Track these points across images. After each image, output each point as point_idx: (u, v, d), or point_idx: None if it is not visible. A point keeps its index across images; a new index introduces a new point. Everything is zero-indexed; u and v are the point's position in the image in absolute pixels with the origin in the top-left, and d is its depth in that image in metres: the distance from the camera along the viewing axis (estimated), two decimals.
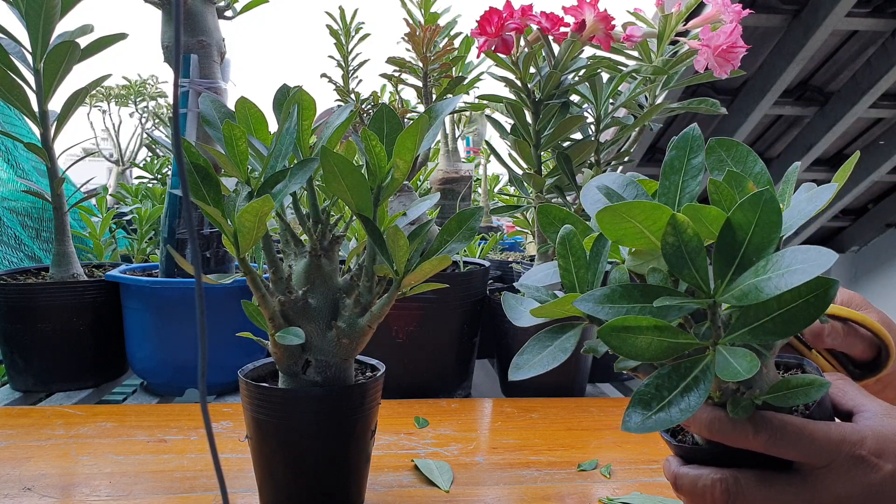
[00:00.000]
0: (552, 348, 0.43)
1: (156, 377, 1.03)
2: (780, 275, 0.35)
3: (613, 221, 0.37)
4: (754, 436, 0.41)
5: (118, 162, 2.80)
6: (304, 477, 0.59)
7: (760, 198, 0.36)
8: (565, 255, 0.44)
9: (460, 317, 1.01)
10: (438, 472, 0.71)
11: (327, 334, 0.59)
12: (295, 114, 0.56)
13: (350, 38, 1.13)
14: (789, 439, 0.41)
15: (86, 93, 1.01)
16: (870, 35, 2.71)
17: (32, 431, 0.81)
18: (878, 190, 3.67)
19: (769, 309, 0.37)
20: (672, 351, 0.38)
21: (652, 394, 0.38)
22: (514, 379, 0.43)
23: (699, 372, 0.38)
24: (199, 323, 0.34)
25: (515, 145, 0.96)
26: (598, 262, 0.43)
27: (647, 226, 0.38)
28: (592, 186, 0.44)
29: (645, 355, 0.38)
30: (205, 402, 0.35)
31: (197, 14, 1.02)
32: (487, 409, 0.96)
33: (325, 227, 0.60)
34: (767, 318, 0.37)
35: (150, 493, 0.66)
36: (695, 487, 0.43)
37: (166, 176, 2.12)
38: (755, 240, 0.37)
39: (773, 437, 0.41)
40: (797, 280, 0.34)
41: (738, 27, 0.83)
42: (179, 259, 0.57)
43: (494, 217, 2.02)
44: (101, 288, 1.04)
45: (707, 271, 0.38)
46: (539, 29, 0.87)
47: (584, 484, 0.70)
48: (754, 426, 0.41)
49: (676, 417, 0.37)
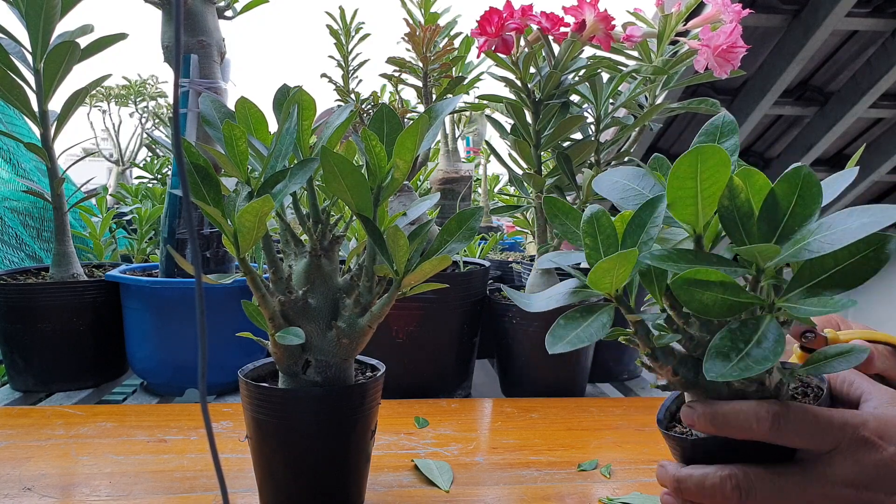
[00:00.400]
0: (588, 325, 0.43)
1: (156, 377, 1.03)
2: (833, 233, 0.36)
3: (690, 168, 0.38)
4: (758, 425, 0.41)
5: (118, 162, 2.80)
6: (304, 477, 0.59)
7: (800, 172, 0.37)
8: (593, 234, 0.44)
9: (460, 317, 1.01)
10: (438, 472, 0.71)
11: (327, 334, 0.59)
12: (295, 114, 0.56)
13: (350, 38, 1.13)
14: (793, 426, 0.41)
15: (86, 93, 1.01)
16: (870, 35, 2.71)
17: (32, 431, 0.81)
18: (878, 190, 3.67)
19: (825, 266, 0.38)
20: (735, 309, 0.40)
21: (728, 346, 0.39)
22: (554, 352, 0.43)
23: (766, 327, 0.39)
24: (199, 323, 0.34)
25: (515, 145, 0.96)
26: (646, 229, 0.41)
27: (705, 187, 0.38)
28: (605, 178, 0.45)
29: (711, 311, 0.39)
30: (205, 402, 0.35)
31: (197, 14, 1.02)
32: (487, 409, 0.96)
33: (325, 227, 0.60)
34: (824, 276, 0.39)
35: (150, 493, 0.66)
36: (702, 487, 0.43)
37: (166, 176, 2.12)
38: (797, 210, 0.38)
39: (777, 425, 0.41)
40: (851, 237, 0.35)
41: (738, 27, 0.83)
42: (179, 259, 0.57)
43: (494, 217, 2.02)
44: (101, 288, 1.04)
45: (757, 236, 0.39)
46: (539, 29, 0.87)
47: (584, 484, 0.70)
48: (757, 416, 0.41)
49: (757, 366, 0.38)
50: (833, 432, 0.41)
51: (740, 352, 0.38)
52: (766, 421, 0.41)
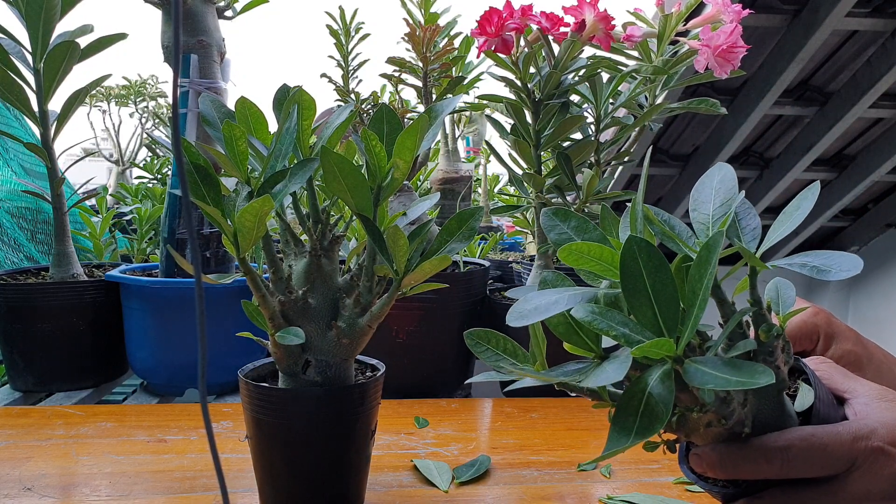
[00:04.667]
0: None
1: (156, 377, 1.03)
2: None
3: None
4: (768, 465, 0.40)
5: (118, 162, 2.80)
6: (303, 477, 0.59)
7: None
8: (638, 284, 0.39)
9: (460, 317, 1.01)
10: (437, 472, 0.71)
11: (327, 334, 0.59)
12: (295, 114, 0.56)
13: (350, 38, 1.13)
14: (803, 458, 0.39)
15: (86, 93, 1.01)
16: (870, 35, 2.71)
17: (32, 431, 0.81)
18: (878, 190, 3.66)
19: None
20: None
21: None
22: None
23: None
24: (199, 323, 0.34)
25: (515, 145, 0.96)
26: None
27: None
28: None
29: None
30: (205, 402, 0.35)
31: (197, 14, 1.02)
32: (487, 409, 0.96)
33: (325, 227, 0.60)
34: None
35: (150, 493, 0.66)
36: None
37: (166, 176, 2.12)
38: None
39: (786, 462, 0.39)
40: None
41: (738, 27, 0.83)
42: (179, 259, 0.57)
43: (494, 217, 2.02)
44: (101, 288, 1.03)
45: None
46: (539, 29, 0.87)
47: (584, 484, 0.70)
48: (765, 455, 0.40)
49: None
50: (845, 451, 0.40)
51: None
52: (776, 461, 0.39)
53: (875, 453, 0.40)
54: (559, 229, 0.46)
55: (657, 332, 0.38)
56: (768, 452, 0.40)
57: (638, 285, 0.37)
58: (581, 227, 0.45)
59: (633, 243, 0.37)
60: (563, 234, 0.46)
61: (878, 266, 3.94)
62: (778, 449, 0.40)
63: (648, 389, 0.37)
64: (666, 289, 0.37)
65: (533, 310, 0.39)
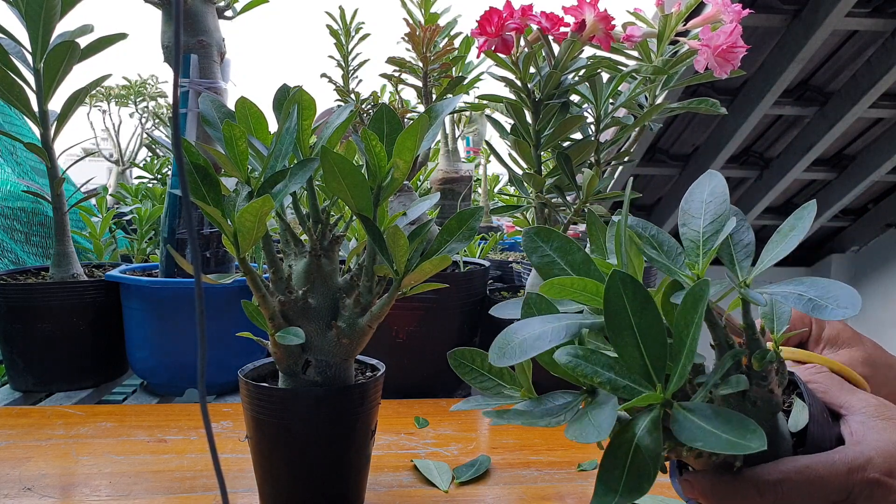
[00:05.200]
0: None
1: (156, 377, 1.03)
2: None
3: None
4: (761, 499, 0.38)
5: (118, 162, 2.80)
6: (303, 477, 0.59)
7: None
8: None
9: (460, 317, 1.01)
10: (437, 472, 0.71)
11: (327, 334, 0.59)
12: (295, 114, 0.56)
13: (350, 38, 1.13)
14: (797, 492, 0.38)
15: (86, 93, 1.01)
16: (870, 35, 2.71)
17: (32, 431, 0.81)
18: (878, 190, 3.67)
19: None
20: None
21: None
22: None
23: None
24: (199, 323, 0.34)
25: (515, 145, 0.96)
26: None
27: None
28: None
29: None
30: (205, 402, 0.35)
31: (197, 14, 1.02)
32: None
33: (325, 227, 0.60)
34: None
35: (150, 493, 0.66)
36: None
37: (166, 176, 2.12)
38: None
39: (779, 496, 0.38)
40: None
41: (738, 27, 0.83)
42: (179, 259, 0.57)
43: (494, 217, 2.02)
44: (101, 288, 1.03)
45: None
46: (539, 29, 0.87)
47: (584, 484, 0.70)
48: (758, 489, 0.38)
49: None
50: (841, 482, 0.38)
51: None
52: (769, 495, 0.38)
53: (871, 485, 0.39)
54: (542, 251, 0.44)
55: (644, 374, 0.36)
56: (761, 486, 0.38)
57: (623, 323, 0.36)
58: (564, 247, 0.43)
59: (616, 279, 0.35)
60: (546, 257, 0.44)
61: (878, 266, 3.94)
62: (771, 483, 0.38)
63: (636, 441, 0.36)
64: (652, 328, 0.36)
65: (517, 347, 0.37)
